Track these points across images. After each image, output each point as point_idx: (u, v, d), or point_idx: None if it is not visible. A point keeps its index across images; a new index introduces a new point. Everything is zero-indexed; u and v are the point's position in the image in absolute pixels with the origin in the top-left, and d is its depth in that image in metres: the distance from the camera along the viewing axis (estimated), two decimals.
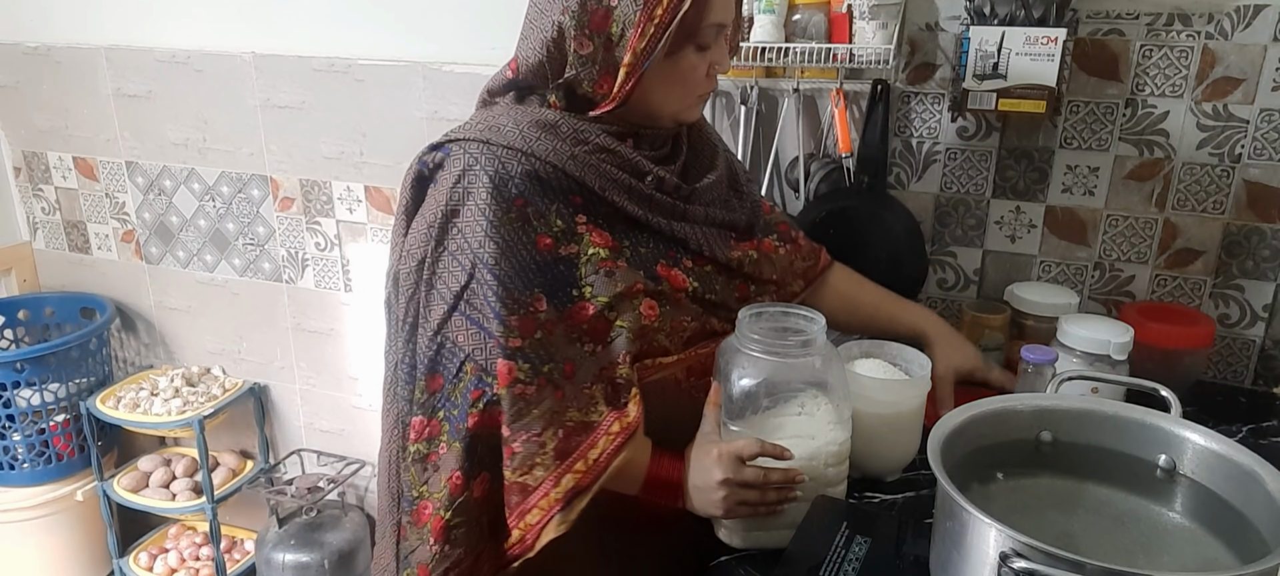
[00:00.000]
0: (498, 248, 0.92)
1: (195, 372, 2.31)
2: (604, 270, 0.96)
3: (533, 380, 0.93)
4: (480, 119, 1.00)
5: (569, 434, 0.94)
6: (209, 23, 1.99)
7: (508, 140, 0.95)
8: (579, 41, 0.93)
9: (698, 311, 1.04)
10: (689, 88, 0.99)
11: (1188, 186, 1.41)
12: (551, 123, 0.97)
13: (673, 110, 1.01)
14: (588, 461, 0.95)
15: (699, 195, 1.05)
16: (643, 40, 0.91)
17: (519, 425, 0.93)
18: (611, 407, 0.97)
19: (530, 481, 0.94)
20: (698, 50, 0.97)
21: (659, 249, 1.01)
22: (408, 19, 1.82)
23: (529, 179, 0.94)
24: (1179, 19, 1.34)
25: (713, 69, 0.99)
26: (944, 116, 1.50)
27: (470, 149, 0.96)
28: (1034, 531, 0.68)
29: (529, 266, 0.93)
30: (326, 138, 1.98)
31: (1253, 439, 1.23)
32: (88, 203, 2.30)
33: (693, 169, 1.07)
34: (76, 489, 2.25)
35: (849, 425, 0.99)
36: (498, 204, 0.93)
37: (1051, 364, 1.24)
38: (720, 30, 0.97)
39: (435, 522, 0.96)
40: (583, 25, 0.92)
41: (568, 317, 0.95)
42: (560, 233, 0.95)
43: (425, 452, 0.98)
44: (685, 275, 1.03)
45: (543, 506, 0.94)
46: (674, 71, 0.97)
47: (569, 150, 0.96)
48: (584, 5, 0.92)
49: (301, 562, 2.05)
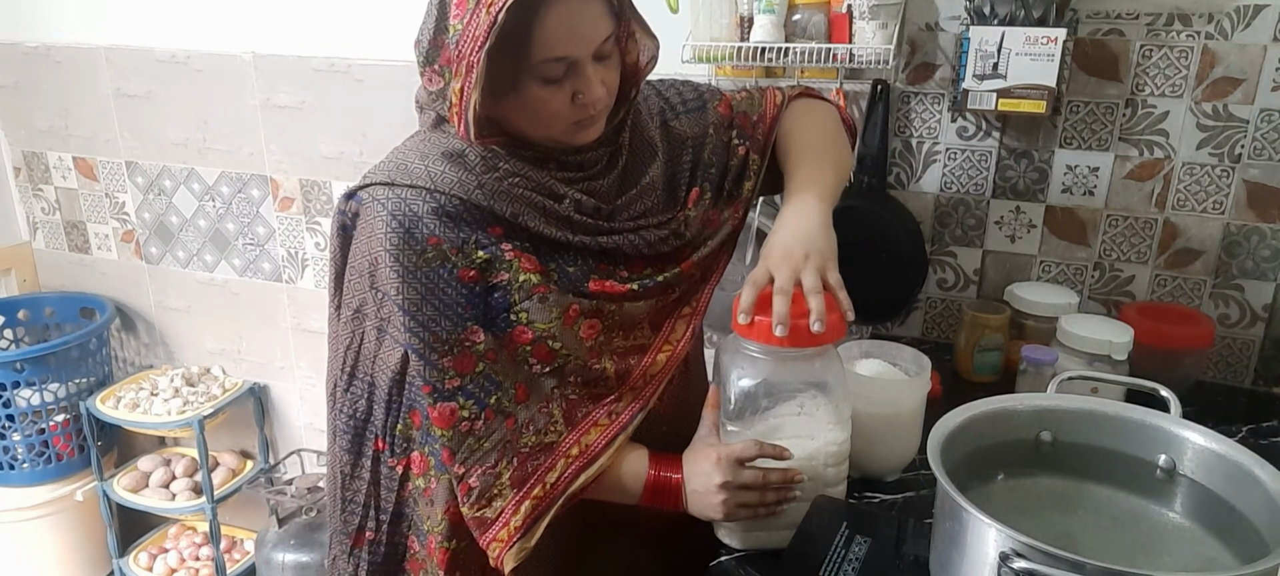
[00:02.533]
0: (417, 292, 0.91)
1: (195, 372, 2.31)
2: (537, 296, 0.94)
3: (479, 415, 0.93)
4: (391, 157, 0.98)
5: (524, 459, 0.94)
6: (209, 23, 1.99)
7: (412, 179, 0.93)
8: (428, 77, 0.91)
9: (650, 303, 1.01)
10: (549, 118, 0.91)
11: (1188, 186, 1.41)
12: (458, 152, 0.94)
13: (546, 137, 0.94)
14: (546, 486, 0.94)
15: (623, 209, 0.99)
16: (458, 80, 0.87)
17: (472, 460, 0.93)
18: (571, 426, 0.96)
19: (489, 514, 0.94)
20: (544, 84, 0.88)
21: (588, 266, 0.98)
22: (408, 19, 1.81)
23: (438, 216, 0.92)
24: (1179, 19, 1.34)
25: (577, 98, 0.90)
26: (944, 116, 1.50)
27: (377, 194, 0.94)
28: (1034, 531, 0.68)
29: (456, 303, 0.92)
30: (326, 138, 1.98)
31: (1253, 439, 1.23)
32: (87, 203, 2.30)
33: (631, 175, 1.02)
34: (76, 489, 2.25)
35: (848, 425, 0.99)
36: (409, 248, 0.91)
37: (1051, 364, 1.24)
38: (568, 63, 0.87)
39: (441, 555, 0.99)
40: (431, 60, 0.90)
41: (509, 343, 0.94)
42: (484, 263, 0.93)
43: (423, 487, 1.00)
44: (622, 282, 0.99)
45: (502, 537, 0.94)
46: (522, 104, 0.90)
47: (477, 180, 0.92)
48: (434, 40, 0.89)
49: (301, 562, 2.05)
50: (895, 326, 1.63)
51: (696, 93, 1.12)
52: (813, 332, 0.87)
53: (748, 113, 1.11)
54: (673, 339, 1.04)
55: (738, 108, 1.11)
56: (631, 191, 1.00)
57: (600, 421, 0.98)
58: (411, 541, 1.03)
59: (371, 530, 1.03)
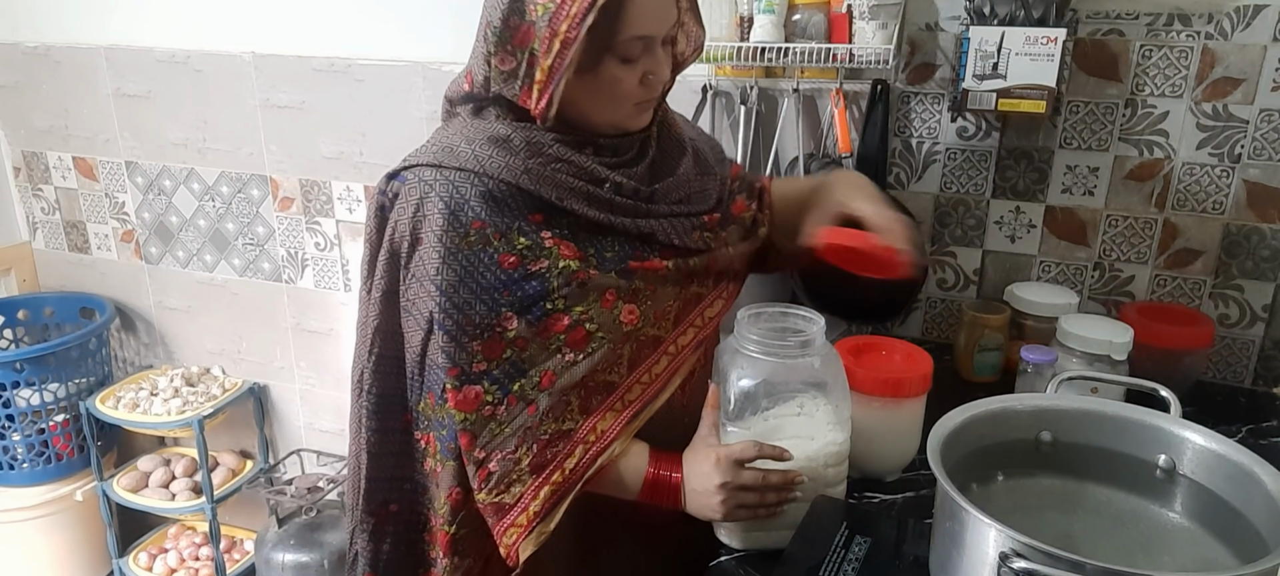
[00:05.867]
0: (456, 275, 0.92)
1: (195, 372, 2.31)
2: (576, 282, 0.95)
3: (502, 400, 0.94)
4: (435, 140, 1.00)
5: (544, 446, 0.95)
6: (209, 23, 1.99)
7: (460, 162, 0.94)
8: (501, 57, 0.92)
9: (677, 291, 1.04)
10: (619, 99, 0.95)
11: (1187, 186, 1.41)
12: (504, 137, 0.95)
13: (609, 120, 0.98)
14: (565, 471, 0.95)
15: (661, 194, 1.02)
16: (548, 57, 0.89)
17: (493, 444, 0.94)
18: (587, 413, 0.97)
19: (507, 499, 0.95)
20: (622, 63, 0.93)
21: (627, 249, 1.00)
22: (408, 19, 1.82)
23: (484, 200, 0.93)
24: (1179, 19, 1.34)
25: (647, 78, 0.95)
26: (944, 116, 1.50)
27: (424, 176, 0.95)
28: (1034, 531, 0.68)
29: (494, 287, 0.93)
30: (326, 138, 1.98)
31: (1252, 439, 1.23)
32: (87, 202, 2.30)
33: (661, 168, 1.05)
34: (76, 489, 2.25)
35: (848, 425, 0.99)
36: (453, 230, 0.92)
37: (1051, 364, 1.24)
38: (646, 42, 0.93)
39: (442, 537, 1.01)
40: (504, 41, 0.91)
41: (543, 330, 0.95)
42: (525, 249, 0.94)
43: (430, 468, 1.02)
44: (660, 261, 1.01)
45: (521, 523, 0.95)
46: (597, 84, 0.93)
47: (523, 165, 0.94)
48: (506, 21, 0.90)
49: (301, 562, 2.05)
50: (895, 326, 1.63)
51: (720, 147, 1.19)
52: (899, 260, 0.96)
53: (750, 182, 1.18)
54: (697, 323, 1.06)
55: (743, 177, 1.18)
56: (668, 179, 1.03)
57: (615, 407, 0.99)
58: (431, 515, 1.05)
59: (397, 503, 1.05)
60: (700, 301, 1.07)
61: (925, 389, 1.09)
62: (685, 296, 1.05)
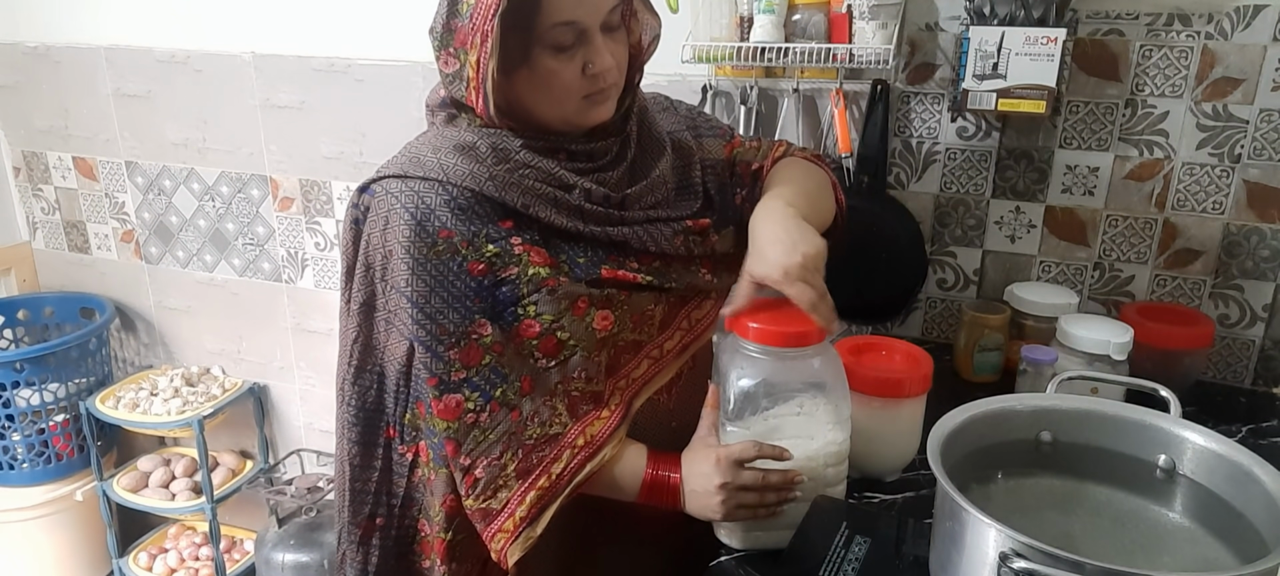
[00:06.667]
0: (426, 285, 0.92)
1: (195, 372, 2.31)
2: (546, 288, 0.94)
3: (484, 407, 0.94)
4: (405, 150, 0.99)
5: (529, 451, 0.95)
6: (209, 23, 1.99)
7: (425, 171, 0.94)
8: (444, 60, 0.93)
9: (658, 296, 1.02)
10: (561, 93, 0.93)
11: (1187, 186, 1.41)
12: (470, 144, 0.95)
13: (559, 116, 0.95)
14: (551, 476, 0.95)
15: (633, 200, 1.00)
16: (474, 53, 0.88)
17: (478, 451, 0.94)
18: (575, 418, 0.97)
19: (494, 504, 0.95)
20: (555, 53, 0.90)
21: (599, 256, 0.98)
22: (408, 19, 1.82)
23: (450, 208, 0.93)
24: (1179, 19, 1.34)
25: (588, 69, 0.91)
26: (944, 116, 1.50)
27: (391, 187, 0.95)
28: (1034, 531, 0.68)
29: (464, 295, 0.93)
30: (326, 138, 1.98)
31: (1252, 439, 1.23)
32: (87, 202, 2.30)
33: (640, 168, 1.03)
34: (76, 489, 2.25)
35: (848, 425, 0.99)
36: (421, 240, 0.92)
37: (1051, 364, 1.24)
38: (578, 30, 0.90)
39: (438, 545, 1.01)
40: (446, 44, 0.91)
41: (516, 336, 0.95)
42: (494, 257, 0.94)
43: (426, 476, 1.01)
44: (634, 272, 1.00)
45: (508, 528, 0.95)
46: (534, 78, 0.92)
47: (488, 171, 0.93)
48: (447, 23, 0.90)
49: (301, 562, 2.05)
50: (895, 326, 1.63)
51: (721, 126, 1.15)
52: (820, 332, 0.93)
53: (748, 161, 1.12)
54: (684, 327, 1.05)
55: (739, 156, 1.12)
56: (642, 183, 1.01)
57: (603, 415, 0.98)
58: (422, 524, 1.04)
59: (382, 516, 1.04)
60: (687, 304, 1.06)
61: (925, 389, 1.09)
62: (669, 300, 1.03)
